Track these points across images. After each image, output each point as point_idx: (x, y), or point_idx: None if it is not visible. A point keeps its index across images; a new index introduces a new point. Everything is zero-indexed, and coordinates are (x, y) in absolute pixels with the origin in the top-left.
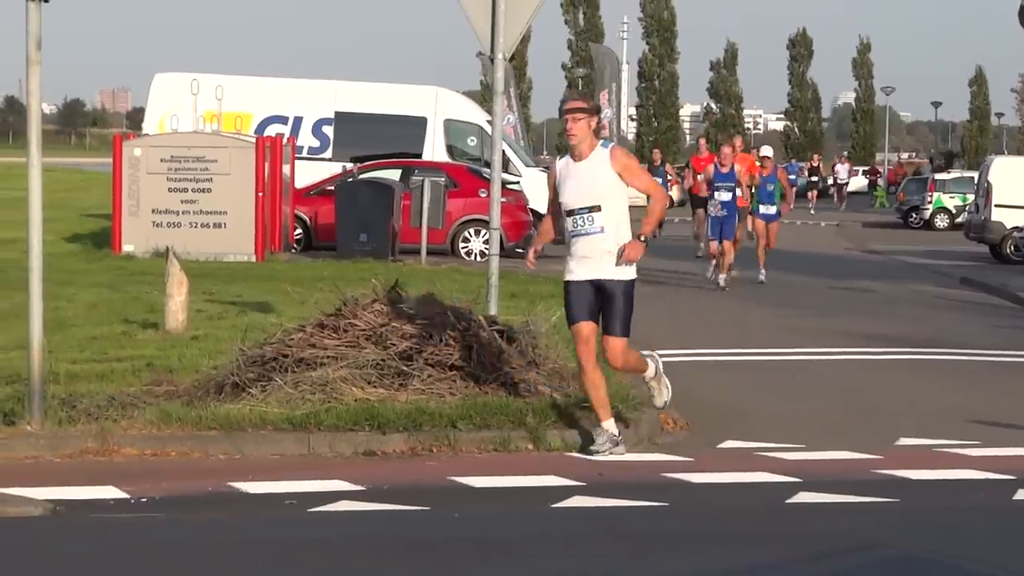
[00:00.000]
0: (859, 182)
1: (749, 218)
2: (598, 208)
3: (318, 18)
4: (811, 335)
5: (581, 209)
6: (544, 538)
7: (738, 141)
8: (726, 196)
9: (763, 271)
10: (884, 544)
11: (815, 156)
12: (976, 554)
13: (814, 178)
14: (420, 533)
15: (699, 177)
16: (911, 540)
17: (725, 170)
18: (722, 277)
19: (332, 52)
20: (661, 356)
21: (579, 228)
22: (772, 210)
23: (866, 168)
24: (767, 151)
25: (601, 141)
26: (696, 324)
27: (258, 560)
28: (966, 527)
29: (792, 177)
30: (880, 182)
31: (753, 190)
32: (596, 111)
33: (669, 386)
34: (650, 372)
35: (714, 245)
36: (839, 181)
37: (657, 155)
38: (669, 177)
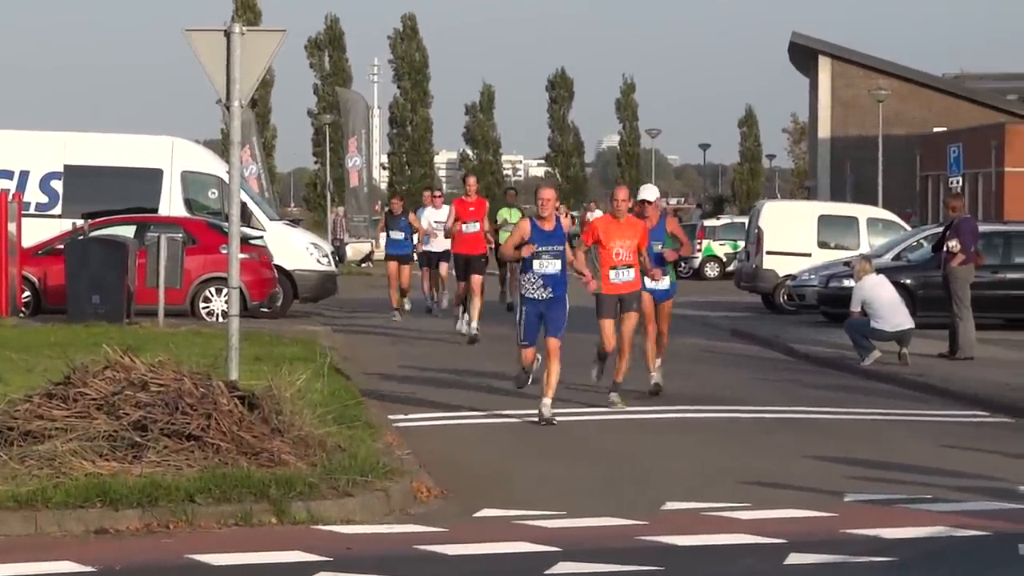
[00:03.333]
0: None
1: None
2: None
3: (46, 63)
4: (574, 394)
5: None
6: None
7: (650, 192)
8: (551, 267)
9: (654, 372)
10: None
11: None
12: None
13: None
14: None
15: (465, 228)
16: None
17: (548, 225)
18: (546, 402)
19: (61, 101)
20: (413, 419)
21: None
22: (665, 282)
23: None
24: (650, 192)
25: None
26: (452, 383)
27: None
28: None
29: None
30: None
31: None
32: None
33: None
34: None
35: (529, 352)
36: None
37: (397, 204)
38: (415, 227)
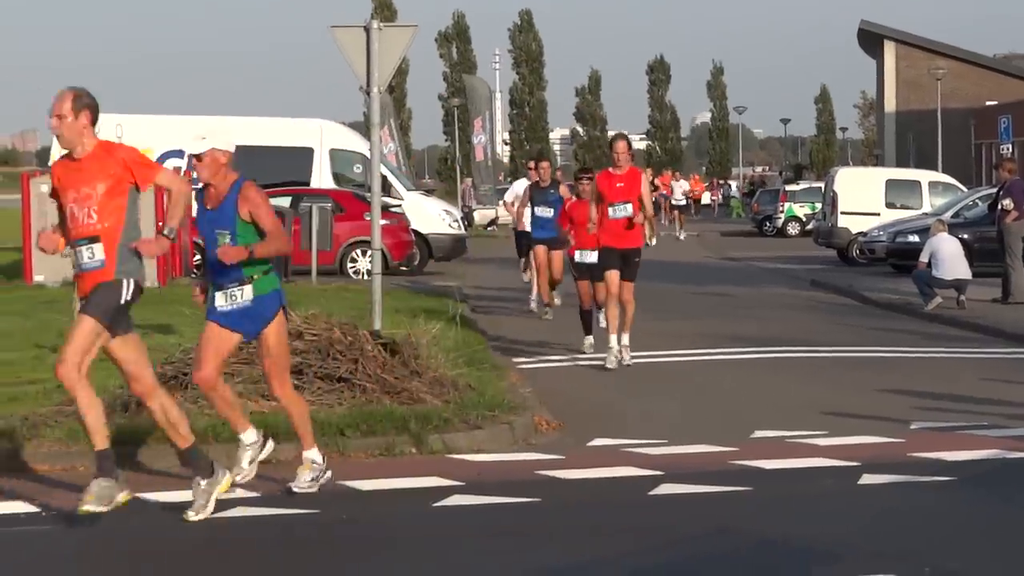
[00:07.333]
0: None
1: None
2: None
3: (210, 58)
4: (674, 338)
5: None
6: (427, 536)
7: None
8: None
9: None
10: (739, 530)
11: (662, 173)
12: (824, 534)
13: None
14: (311, 534)
15: (613, 212)
16: (765, 525)
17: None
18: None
19: (222, 90)
20: (534, 362)
21: None
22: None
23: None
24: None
25: None
26: (567, 329)
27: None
28: (816, 511)
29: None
30: (732, 194)
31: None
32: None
33: None
34: None
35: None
36: (674, 202)
37: (547, 169)
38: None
